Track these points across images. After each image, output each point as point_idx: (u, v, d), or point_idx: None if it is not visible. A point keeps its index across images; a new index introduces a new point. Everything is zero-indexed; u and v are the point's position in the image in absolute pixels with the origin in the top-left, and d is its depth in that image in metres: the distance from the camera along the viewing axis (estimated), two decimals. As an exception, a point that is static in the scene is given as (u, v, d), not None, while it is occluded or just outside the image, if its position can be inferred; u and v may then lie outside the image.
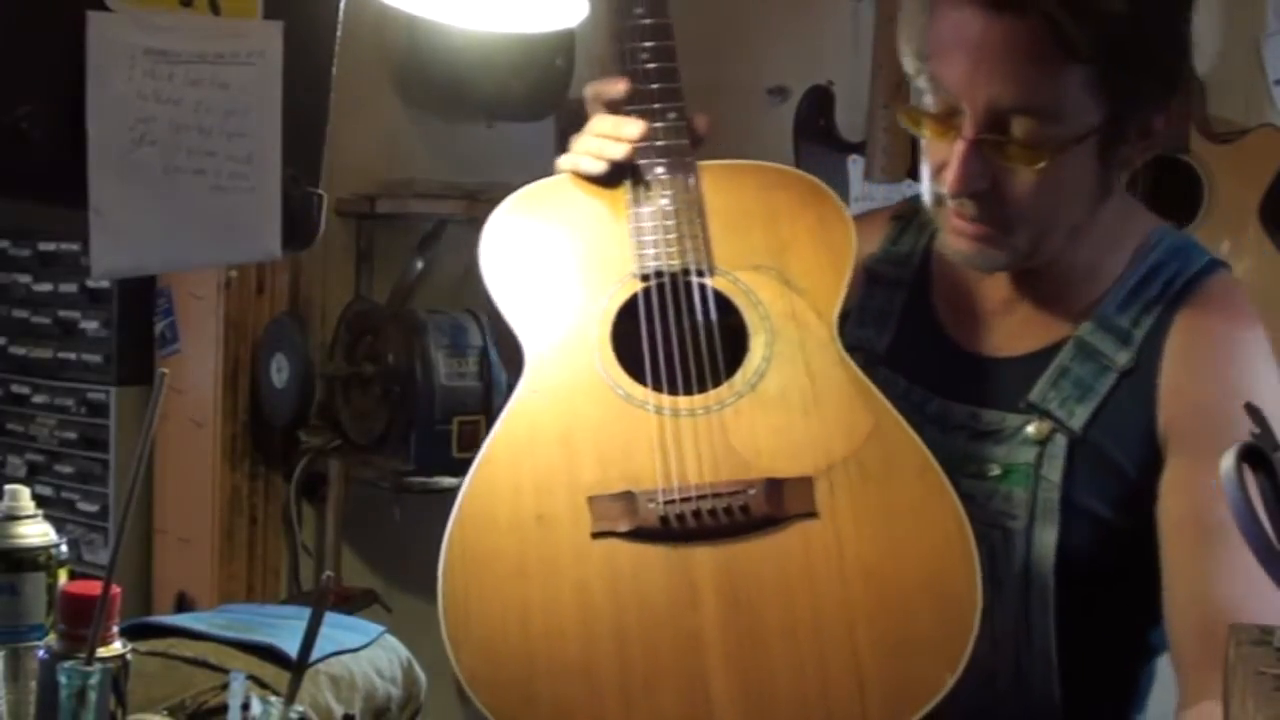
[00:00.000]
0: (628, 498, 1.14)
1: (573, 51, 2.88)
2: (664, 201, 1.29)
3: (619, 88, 1.31)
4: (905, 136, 2.95)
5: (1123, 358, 1.26)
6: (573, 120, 3.06)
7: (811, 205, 1.33)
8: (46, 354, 3.01)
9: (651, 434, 1.18)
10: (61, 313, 2.99)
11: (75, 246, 2.89)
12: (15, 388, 3.08)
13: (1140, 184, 2.61)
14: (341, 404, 2.79)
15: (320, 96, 1.14)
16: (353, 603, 2.67)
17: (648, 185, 1.31)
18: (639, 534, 1.13)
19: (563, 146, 1.39)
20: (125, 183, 1.02)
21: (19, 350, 3.08)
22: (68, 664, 1.04)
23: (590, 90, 1.35)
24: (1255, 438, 0.86)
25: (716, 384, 1.21)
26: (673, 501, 1.14)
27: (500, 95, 2.85)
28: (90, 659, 1.04)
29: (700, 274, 1.26)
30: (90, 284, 2.93)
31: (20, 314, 3.08)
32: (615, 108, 1.32)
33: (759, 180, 1.36)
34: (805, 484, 1.15)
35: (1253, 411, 0.88)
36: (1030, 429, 1.26)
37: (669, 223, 1.28)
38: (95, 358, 2.92)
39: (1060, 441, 1.25)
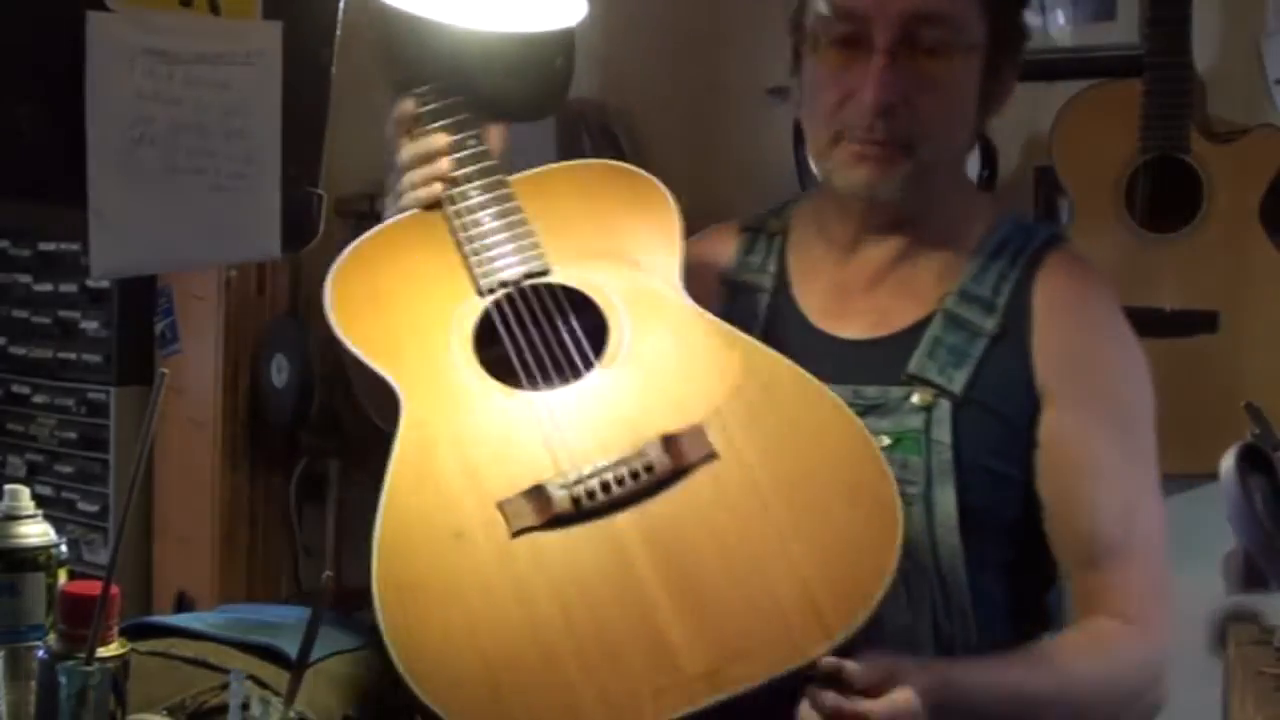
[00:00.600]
0: (536, 491, 1.16)
1: (573, 51, 2.87)
2: (487, 218, 1.35)
3: (408, 105, 1.39)
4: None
5: (989, 323, 1.34)
6: (572, 120, 3.07)
7: (625, 186, 1.40)
8: (46, 354, 3.01)
9: (540, 427, 1.21)
10: (61, 313, 2.99)
11: (75, 246, 2.88)
12: (15, 388, 3.08)
13: (1140, 184, 2.61)
14: (341, 404, 2.79)
15: (320, 96, 1.15)
16: (353, 603, 2.67)
17: (468, 209, 1.35)
18: (557, 521, 1.15)
19: (563, 147, 1.42)
20: (125, 183, 1.02)
21: (19, 350, 3.08)
22: (68, 664, 1.04)
23: (388, 129, 1.41)
24: (1255, 438, 0.86)
25: (589, 369, 1.25)
26: (580, 481, 1.16)
27: (500, 95, 2.84)
28: (90, 659, 1.04)
29: (541, 275, 1.31)
30: (90, 284, 2.93)
31: (20, 314, 3.08)
32: (414, 135, 1.39)
33: (570, 178, 1.45)
34: (698, 431, 1.19)
35: (1253, 412, 0.88)
36: (915, 398, 1.33)
37: (497, 237, 1.33)
38: (95, 358, 2.92)
39: (945, 406, 1.32)
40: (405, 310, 1.31)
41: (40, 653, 1.09)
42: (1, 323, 3.12)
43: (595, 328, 1.29)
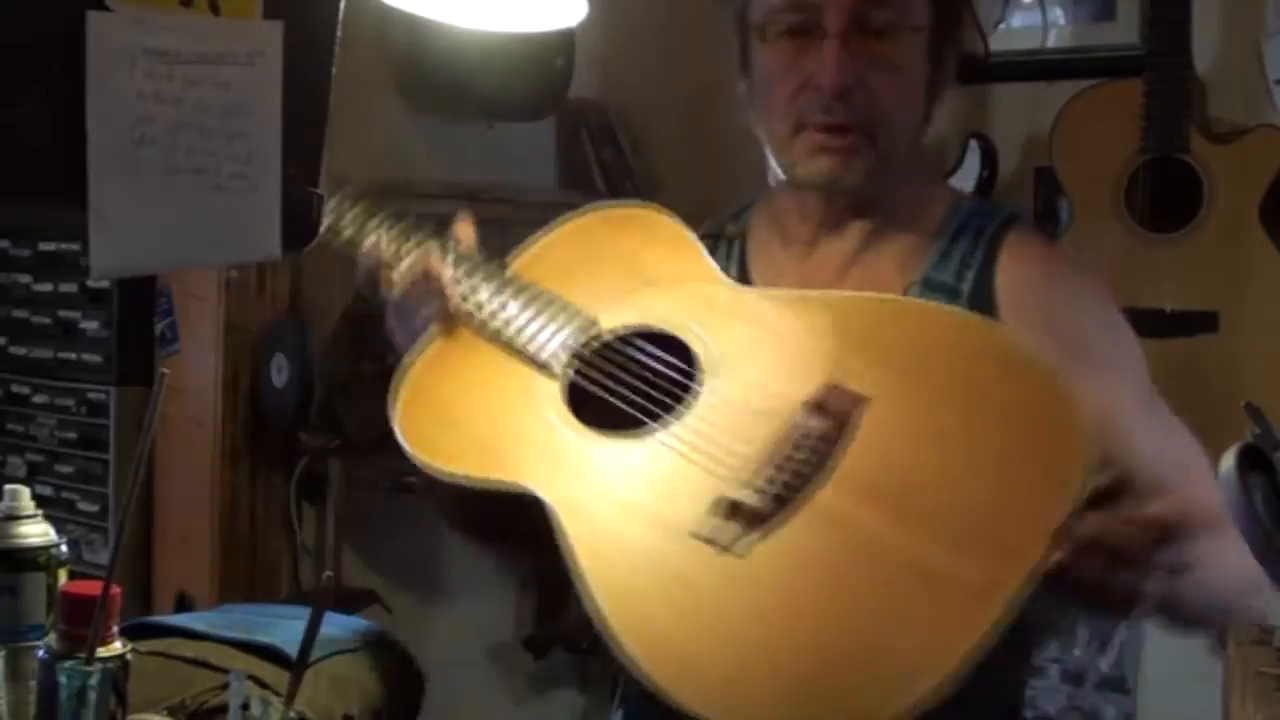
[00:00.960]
0: (725, 504, 1.14)
1: (573, 51, 2.88)
2: (510, 305, 1.33)
3: (381, 244, 1.40)
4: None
5: None
6: (572, 120, 3.06)
7: (623, 221, 1.41)
8: (46, 354, 3.01)
9: (688, 453, 1.19)
10: (61, 313, 2.98)
11: (75, 246, 2.88)
12: (15, 388, 3.08)
13: (1140, 184, 2.61)
14: (341, 404, 2.79)
15: (320, 96, 1.14)
16: (353, 603, 2.67)
17: (488, 305, 1.34)
18: (760, 521, 1.13)
19: (563, 146, 1.42)
20: (125, 183, 1.02)
21: (19, 350, 3.08)
22: (68, 664, 1.04)
23: (360, 278, 1.42)
24: (1255, 438, 0.86)
25: (696, 386, 1.24)
26: (756, 477, 1.15)
27: (500, 95, 2.85)
28: (90, 659, 1.04)
29: (594, 329, 1.30)
30: (90, 284, 2.93)
31: (20, 314, 3.08)
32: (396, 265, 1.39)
33: (564, 238, 1.42)
34: (833, 386, 1.19)
35: (1253, 412, 0.88)
36: None
37: (531, 317, 1.32)
38: (95, 358, 2.92)
39: None
40: (484, 420, 1.28)
41: (40, 653, 1.09)
42: (1, 323, 3.12)
43: (674, 352, 1.28)
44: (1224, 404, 2.25)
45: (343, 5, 1.14)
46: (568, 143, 3.16)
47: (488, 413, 1.29)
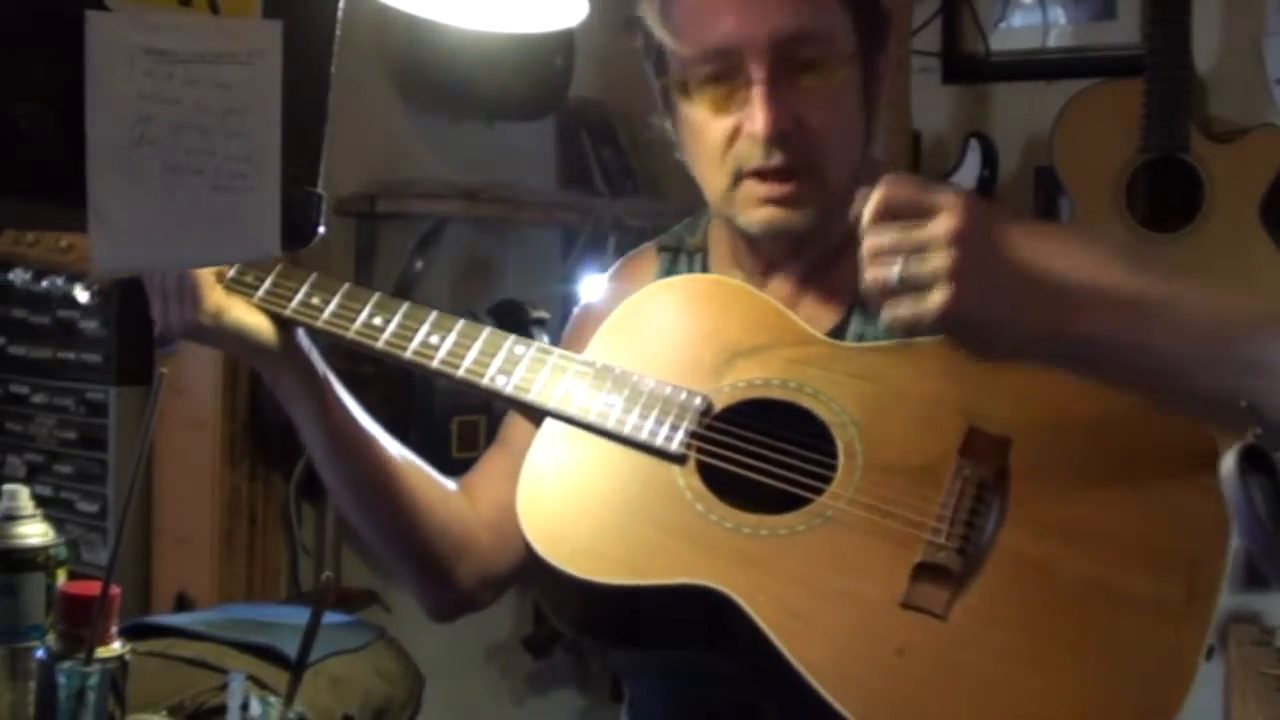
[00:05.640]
0: (923, 570, 1.13)
1: (573, 51, 2.88)
2: (609, 395, 1.27)
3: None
4: (908, 133, 2.95)
5: None
6: (572, 120, 3.05)
7: (692, 300, 1.35)
8: (46, 354, 3.01)
9: (861, 519, 1.17)
10: (61, 313, 2.98)
11: (75, 246, 2.88)
12: (15, 388, 3.08)
13: (1141, 183, 2.61)
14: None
15: (320, 96, 1.14)
16: (353, 603, 2.67)
17: (591, 408, 1.28)
18: (957, 579, 1.13)
19: (563, 146, 1.40)
20: (125, 183, 1.02)
21: (19, 350, 3.07)
22: (67, 664, 1.04)
23: None
24: (1256, 438, 0.86)
25: (833, 451, 1.22)
26: (945, 535, 1.14)
27: (500, 95, 2.85)
28: (89, 659, 1.04)
29: (705, 404, 1.25)
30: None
31: (20, 314, 3.08)
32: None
33: (633, 317, 1.36)
34: (977, 434, 1.18)
35: (1254, 411, 0.88)
36: None
37: (633, 402, 1.26)
38: (95, 358, 2.91)
39: None
40: (623, 519, 1.22)
41: (40, 653, 1.09)
42: (1, 323, 3.12)
43: (791, 418, 1.25)
44: (1224, 404, 2.25)
45: (342, 5, 1.14)
46: (568, 143, 3.16)
47: (621, 512, 1.23)
